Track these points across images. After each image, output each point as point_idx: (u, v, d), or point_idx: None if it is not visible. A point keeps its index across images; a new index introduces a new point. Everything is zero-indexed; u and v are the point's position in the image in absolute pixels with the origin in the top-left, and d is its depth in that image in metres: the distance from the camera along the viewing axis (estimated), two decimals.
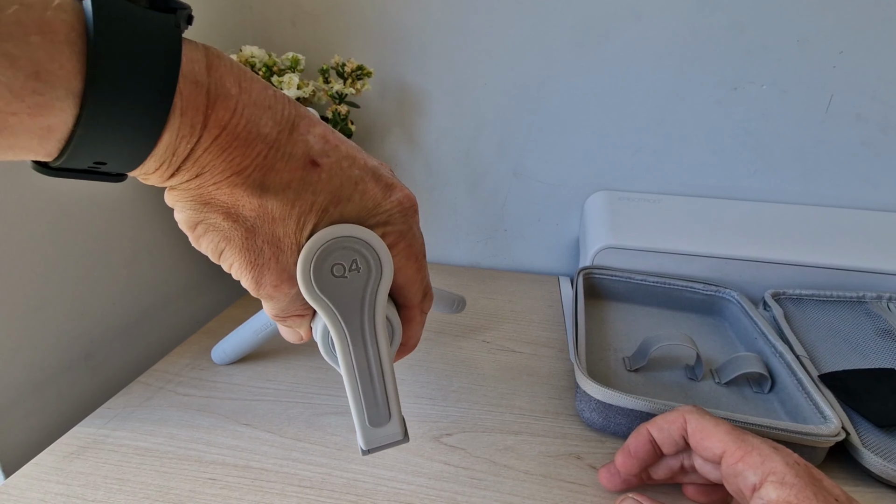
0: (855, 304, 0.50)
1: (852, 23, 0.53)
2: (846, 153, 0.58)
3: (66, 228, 0.40)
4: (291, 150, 0.20)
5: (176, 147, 0.18)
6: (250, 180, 0.20)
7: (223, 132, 0.19)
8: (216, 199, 0.20)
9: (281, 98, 0.21)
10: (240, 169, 0.20)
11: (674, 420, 0.29)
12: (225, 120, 0.19)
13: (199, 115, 0.18)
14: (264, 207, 0.21)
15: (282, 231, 0.21)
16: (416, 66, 0.61)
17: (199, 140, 0.18)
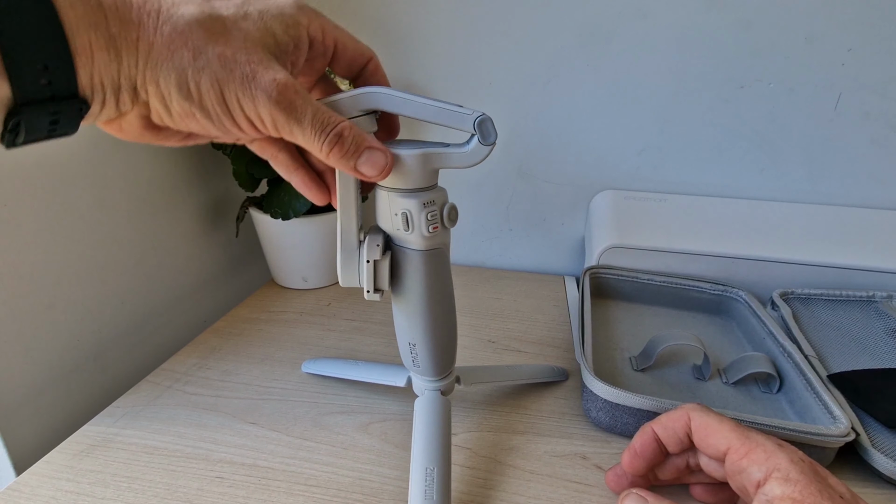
0: (864, 303, 0.49)
1: (861, 20, 0.52)
2: (855, 152, 0.57)
3: (75, 229, 0.41)
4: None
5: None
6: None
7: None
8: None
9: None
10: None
11: (678, 418, 0.29)
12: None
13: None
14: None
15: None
16: (421, 65, 0.61)
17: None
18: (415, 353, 0.34)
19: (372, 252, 0.29)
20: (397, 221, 0.29)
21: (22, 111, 0.19)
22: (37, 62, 0.19)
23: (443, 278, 0.32)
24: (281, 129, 0.24)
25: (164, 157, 0.50)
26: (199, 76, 0.22)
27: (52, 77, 0.19)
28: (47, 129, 0.20)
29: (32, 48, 0.19)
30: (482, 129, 0.27)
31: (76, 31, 0.20)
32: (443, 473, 0.32)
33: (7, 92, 0.19)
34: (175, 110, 0.23)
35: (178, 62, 0.22)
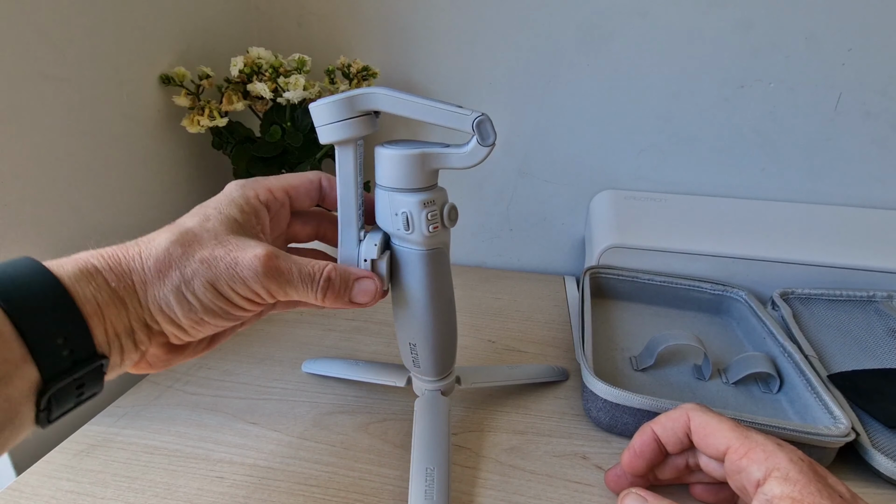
0: (865, 303, 0.49)
1: (861, 20, 0.52)
2: (855, 151, 0.57)
3: (75, 229, 0.41)
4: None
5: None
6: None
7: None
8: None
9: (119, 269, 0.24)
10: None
11: (677, 418, 0.29)
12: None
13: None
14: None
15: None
16: (421, 65, 0.61)
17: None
18: (415, 354, 0.34)
19: (370, 251, 0.29)
20: (397, 221, 0.29)
21: (50, 387, 0.21)
22: (57, 337, 0.21)
23: (443, 278, 0.32)
24: (277, 294, 0.26)
25: (165, 157, 0.50)
26: (192, 285, 0.25)
27: (72, 345, 0.22)
28: (75, 396, 0.22)
29: (52, 328, 0.21)
30: (480, 129, 0.27)
31: (85, 299, 0.22)
32: (443, 473, 0.32)
33: (35, 375, 0.20)
34: (186, 324, 0.25)
35: (170, 284, 0.24)
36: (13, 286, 0.21)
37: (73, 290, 0.22)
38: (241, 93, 0.51)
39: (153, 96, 0.47)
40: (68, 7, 0.38)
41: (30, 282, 0.21)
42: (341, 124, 0.27)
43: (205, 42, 0.53)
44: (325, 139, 0.28)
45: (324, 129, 0.27)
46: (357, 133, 0.28)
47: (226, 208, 0.27)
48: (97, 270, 0.23)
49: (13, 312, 0.20)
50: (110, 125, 0.43)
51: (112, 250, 0.24)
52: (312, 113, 0.27)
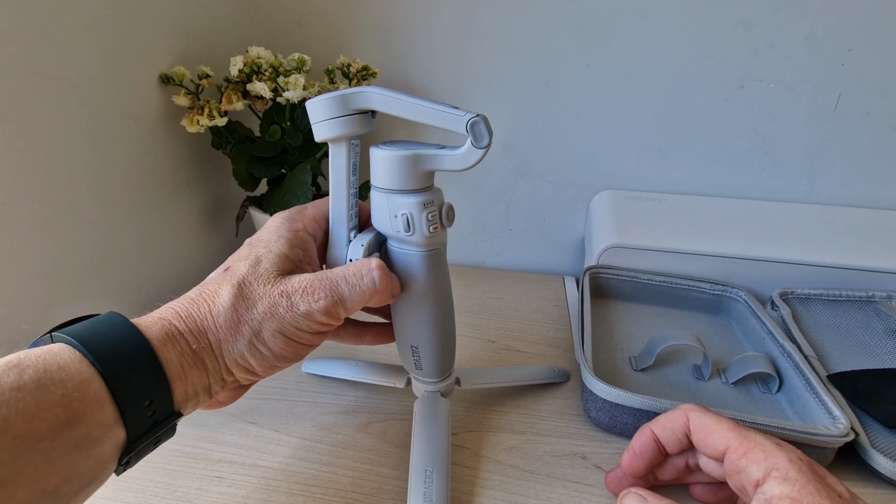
0: (864, 303, 0.49)
1: (861, 20, 0.52)
2: (855, 152, 0.57)
3: (75, 227, 0.41)
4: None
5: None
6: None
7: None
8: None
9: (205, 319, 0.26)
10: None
11: (676, 418, 0.29)
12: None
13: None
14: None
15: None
16: (421, 65, 0.61)
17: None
18: (417, 357, 0.34)
19: (355, 252, 0.29)
20: (397, 223, 0.29)
21: (134, 447, 0.22)
22: (144, 401, 0.22)
23: (444, 278, 0.32)
24: (341, 315, 0.28)
25: (165, 156, 0.50)
26: (262, 337, 0.26)
27: (156, 407, 0.23)
28: (152, 447, 0.24)
29: (142, 392, 0.22)
30: (474, 131, 0.26)
31: (170, 362, 0.23)
32: (442, 475, 0.32)
33: (122, 436, 0.22)
34: (259, 370, 0.27)
35: (243, 340, 0.25)
36: (109, 349, 0.21)
37: (160, 354, 0.23)
38: (240, 92, 0.51)
39: (153, 96, 0.47)
40: (68, 6, 0.38)
41: (123, 344, 0.22)
42: (335, 121, 0.27)
43: (204, 42, 0.53)
44: (319, 136, 0.28)
45: (318, 126, 0.28)
46: (350, 131, 0.27)
47: (275, 246, 0.28)
48: (180, 333, 0.24)
49: (109, 376, 0.21)
50: (110, 125, 0.43)
51: (186, 308, 0.25)
52: (308, 109, 0.28)
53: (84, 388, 0.20)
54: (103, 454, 0.21)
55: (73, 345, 0.21)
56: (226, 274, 0.27)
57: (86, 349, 0.21)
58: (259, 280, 0.26)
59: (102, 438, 0.21)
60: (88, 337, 0.21)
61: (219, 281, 0.26)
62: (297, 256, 0.28)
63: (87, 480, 0.21)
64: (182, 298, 0.26)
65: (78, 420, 0.20)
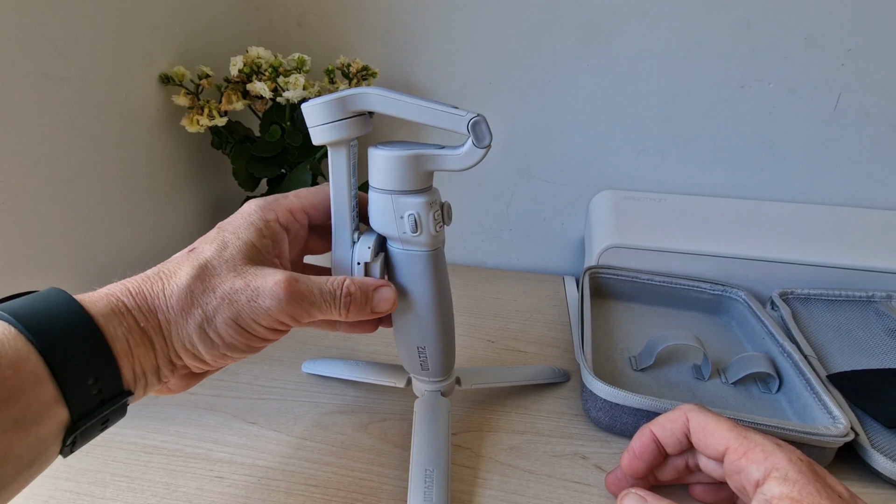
0: (864, 303, 0.49)
1: (861, 20, 0.52)
2: (854, 152, 0.57)
3: (74, 227, 0.41)
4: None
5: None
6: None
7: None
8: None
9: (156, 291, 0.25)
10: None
11: (676, 419, 0.29)
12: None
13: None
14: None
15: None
16: (420, 65, 0.61)
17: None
18: (423, 357, 0.34)
19: (363, 254, 0.29)
20: (404, 224, 0.28)
21: (79, 426, 0.21)
22: (88, 378, 0.21)
23: (446, 277, 0.32)
24: (301, 319, 0.26)
25: (165, 156, 0.50)
26: (214, 323, 0.25)
27: (102, 385, 0.22)
28: (99, 429, 0.23)
29: (85, 369, 0.21)
30: (476, 131, 0.26)
31: (116, 338, 0.22)
32: (442, 475, 0.32)
33: (65, 415, 0.21)
34: (208, 360, 0.26)
35: (193, 322, 0.24)
36: (47, 323, 0.20)
37: (105, 330, 0.22)
38: (240, 92, 0.51)
39: (152, 96, 0.47)
40: (68, 6, 0.38)
41: (63, 319, 0.21)
42: (334, 125, 0.27)
43: (204, 41, 0.53)
44: (318, 140, 0.27)
45: (317, 130, 0.27)
46: (351, 134, 0.27)
47: (244, 233, 0.27)
48: (127, 309, 0.23)
49: (47, 352, 0.20)
50: (109, 124, 0.43)
51: (138, 285, 0.24)
52: (305, 113, 0.27)
53: (20, 365, 0.19)
54: (44, 434, 0.20)
55: (7, 320, 0.20)
56: (189, 255, 0.26)
57: (21, 324, 0.20)
58: (223, 265, 0.25)
59: (42, 418, 0.20)
60: (25, 313, 0.20)
61: (180, 261, 0.25)
62: (265, 247, 0.27)
63: (27, 462, 0.20)
64: (139, 275, 0.25)
65: (14, 398, 0.19)
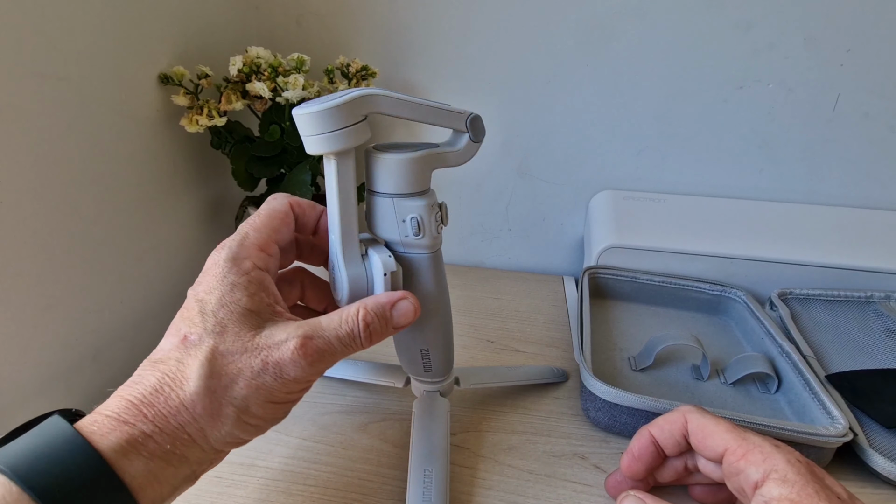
0: (863, 303, 0.50)
1: (860, 21, 0.52)
2: (853, 152, 0.57)
3: (74, 227, 0.41)
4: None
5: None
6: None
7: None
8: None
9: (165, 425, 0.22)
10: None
11: (674, 420, 0.29)
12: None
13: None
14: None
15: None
16: (420, 65, 0.61)
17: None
18: (427, 359, 0.33)
19: (388, 263, 0.28)
20: (406, 228, 0.28)
21: None
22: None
23: (444, 277, 0.32)
24: (328, 367, 0.25)
25: (164, 156, 0.50)
26: (250, 411, 0.23)
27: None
28: None
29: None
30: (474, 126, 0.27)
31: (134, 474, 0.20)
32: (441, 475, 0.32)
33: None
34: (253, 438, 0.25)
35: (229, 421, 0.23)
36: (52, 475, 0.18)
37: (120, 470, 0.20)
38: (239, 92, 0.51)
39: (152, 95, 0.47)
40: (66, 5, 0.38)
41: (70, 466, 0.19)
42: (344, 132, 0.24)
43: (204, 41, 0.53)
44: (323, 149, 0.25)
45: (322, 139, 0.24)
46: (361, 140, 0.26)
47: (230, 298, 0.24)
48: (146, 436, 0.21)
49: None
50: (108, 124, 0.43)
51: (150, 403, 0.22)
52: (304, 121, 0.24)
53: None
54: None
55: (8, 475, 0.18)
56: (186, 347, 0.23)
57: (23, 482, 0.18)
58: (230, 349, 0.23)
59: None
60: (26, 465, 0.18)
61: (179, 358, 0.23)
62: (261, 305, 0.25)
63: None
64: (140, 385, 0.22)
65: None
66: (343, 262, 0.28)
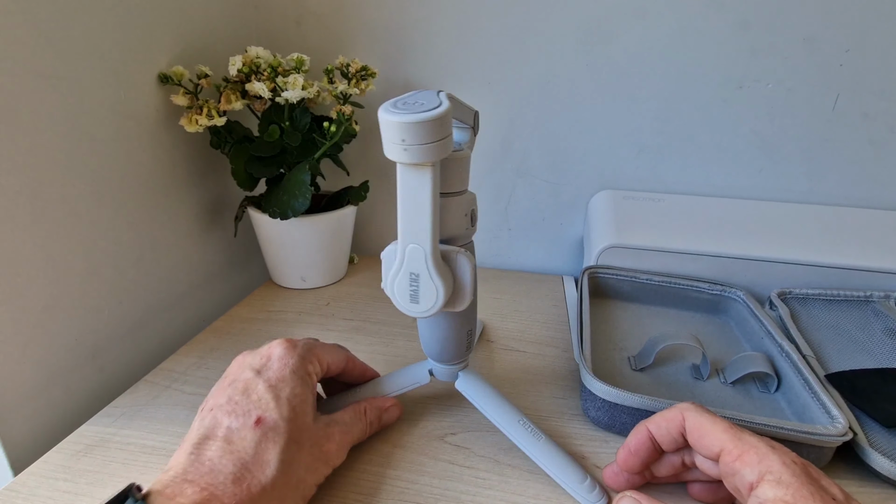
0: (862, 303, 0.50)
1: (859, 21, 0.52)
2: (853, 152, 0.57)
3: (73, 227, 0.41)
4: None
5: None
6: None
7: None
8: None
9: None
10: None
11: (672, 418, 0.29)
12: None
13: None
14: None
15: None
16: (420, 65, 0.61)
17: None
18: (471, 338, 0.35)
19: (470, 258, 0.29)
20: (466, 221, 0.30)
21: None
22: None
23: None
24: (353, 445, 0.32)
25: (163, 156, 0.50)
26: (305, 483, 0.27)
27: None
28: None
29: None
30: (477, 121, 0.30)
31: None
32: (533, 427, 0.35)
33: None
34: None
35: (291, 500, 0.26)
36: None
37: None
38: (239, 92, 0.51)
39: (151, 95, 0.47)
40: (66, 4, 0.38)
41: None
42: (449, 138, 0.24)
43: (203, 41, 0.53)
44: (430, 157, 0.24)
45: (430, 148, 0.23)
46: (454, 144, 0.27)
47: (300, 391, 0.29)
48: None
49: None
50: (108, 123, 0.43)
51: (233, 494, 0.22)
52: (417, 130, 0.23)
53: None
54: None
55: None
56: (263, 430, 0.25)
57: None
58: (300, 440, 0.26)
59: None
60: None
61: (258, 441, 0.25)
62: (314, 403, 0.30)
63: None
64: (219, 474, 0.23)
65: None
66: (436, 271, 0.28)
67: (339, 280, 0.62)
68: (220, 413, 0.26)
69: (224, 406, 0.26)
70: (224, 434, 0.24)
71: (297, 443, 0.26)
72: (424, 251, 0.27)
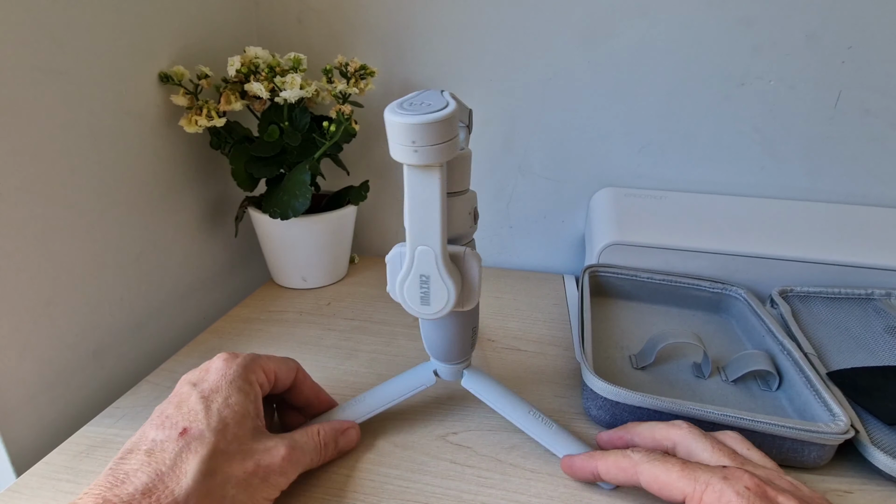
0: (863, 301, 0.49)
1: (861, 18, 0.52)
2: (855, 149, 0.57)
3: (74, 226, 0.41)
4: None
5: None
6: None
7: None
8: None
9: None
10: None
11: (625, 469, 0.29)
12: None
13: None
14: None
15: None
16: (419, 64, 0.61)
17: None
18: (474, 336, 0.35)
19: (478, 256, 0.29)
20: (470, 219, 0.30)
21: None
22: None
23: None
24: (298, 473, 0.30)
25: (164, 156, 0.50)
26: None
27: None
28: None
29: None
30: (471, 119, 0.30)
31: None
32: (542, 415, 0.35)
33: None
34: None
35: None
36: None
37: None
38: (238, 93, 0.51)
39: (152, 93, 0.47)
40: (67, 1, 0.38)
41: None
42: (457, 138, 0.24)
43: (204, 39, 0.53)
44: (439, 158, 0.23)
45: (440, 148, 0.23)
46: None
47: (235, 401, 0.27)
48: None
49: None
50: (108, 121, 0.43)
51: (145, 492, 0.22)
52: (427, 131, 0.22)
53: None
54: None
55: None
56: (187, 441, 0.24)
57: None
58: (230, 451, 0.24)
59: None
60: None
61: (178, 452, 0.23)
62: (256, 415, 0.28)
63: None
64: (129, 485, 0.22)
65: None
66: (446, 271, 0.28)
67: (339, 280, 0.62)
68: (149, 427, 0.26)
69: (154, 420, 0.26)
70: (147, 447, 0.24)
71: (226, 454, 0.24)
72: (434, 253, 0.27)
